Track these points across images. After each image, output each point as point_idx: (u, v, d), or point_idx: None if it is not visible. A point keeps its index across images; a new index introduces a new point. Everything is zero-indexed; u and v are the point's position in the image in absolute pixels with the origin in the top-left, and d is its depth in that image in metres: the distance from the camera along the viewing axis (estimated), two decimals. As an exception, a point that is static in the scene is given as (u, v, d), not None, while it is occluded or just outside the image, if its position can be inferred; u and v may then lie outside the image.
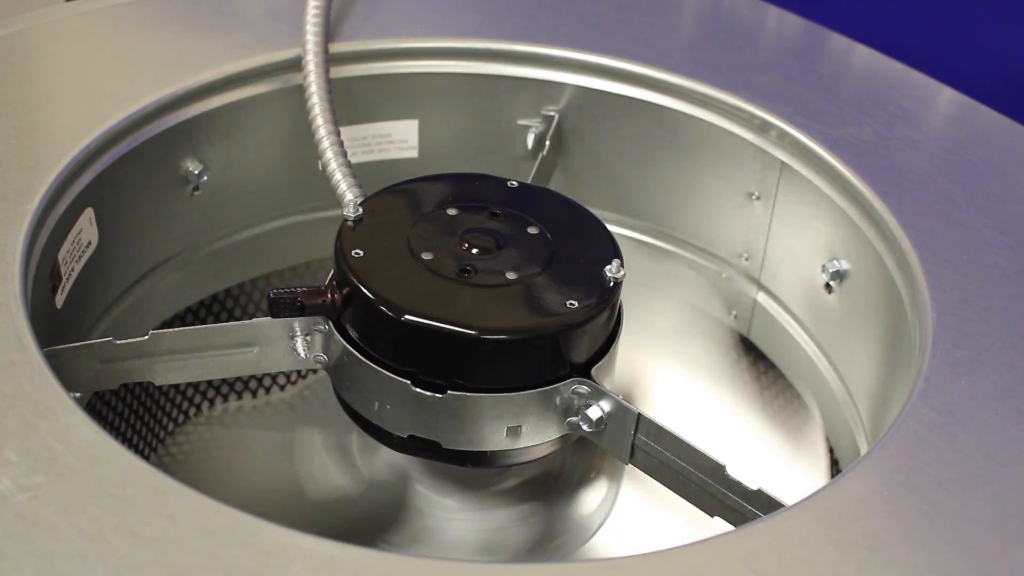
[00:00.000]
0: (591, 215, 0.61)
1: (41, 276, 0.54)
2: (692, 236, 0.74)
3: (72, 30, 0.69)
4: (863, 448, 0.63)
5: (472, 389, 0.54)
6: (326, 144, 0.63)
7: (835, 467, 0.67)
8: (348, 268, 0.55)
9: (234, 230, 0.71)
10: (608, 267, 0.57)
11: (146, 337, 0.54)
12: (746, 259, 0.72)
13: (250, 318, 0.69)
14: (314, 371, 0.74)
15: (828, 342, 0.68)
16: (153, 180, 0.65)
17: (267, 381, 0.77)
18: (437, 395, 0.54)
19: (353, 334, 0.56)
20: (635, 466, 0.57)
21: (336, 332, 0.56)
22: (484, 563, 0.55)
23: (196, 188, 0.68)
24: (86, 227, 0.60)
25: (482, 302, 0.54)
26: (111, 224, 0.62)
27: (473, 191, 0.62)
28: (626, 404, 0.55)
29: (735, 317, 0.73)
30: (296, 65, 0.67)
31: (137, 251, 0.66)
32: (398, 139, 0.73)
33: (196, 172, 0.67)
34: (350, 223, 0.58)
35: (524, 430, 0.55)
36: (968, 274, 0.57)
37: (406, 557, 0.42)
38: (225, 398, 0.75)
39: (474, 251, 0.57)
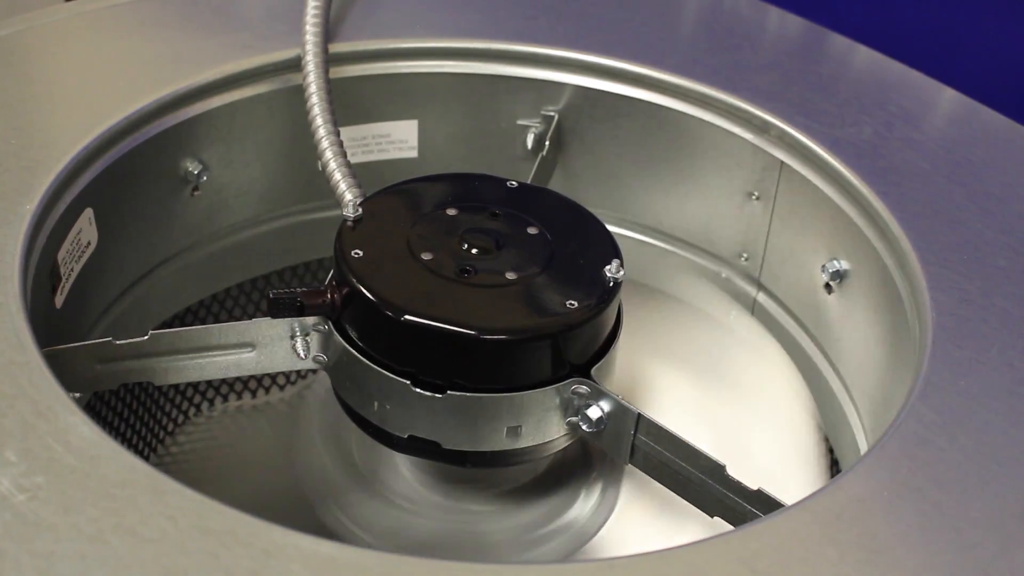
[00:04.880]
0: (591, 215, 0.61)
1: (41, 276, 0.54)
2: (692, 236, 0.74)
3: (72, 30, 0.69)
4: (863, 448, 0.63)
5: (472, 389, 0.54)
6: (326, 144, 0.63)
7: (835, 467, 0.67)
8: (348, 268, 0.55)
9: (234, 230, 0.71)
10: (608, 267, 0.57)
11: (146, 337, 0.54)
12: (746, 259, 0.72)
13: (250, 318, 0.69)
14: (314, 371, 0.74)
15: (828, 342, 0.68)
16: (153, 180, 0.65)
17: (267, 381, 0.77)
18: (437, 395, 0.54)
19: (353, 334, 0.56)
20: (635, 466, 0.57)
21: (336, 332, 0.56)
22: (484, 563, 0.55)
23: (196, 188, 0.68)
24: (86, 227, 0.60)
25: (482, 302, 0.54)
26: (111, 224, 0.62)
27: (473, 191, 0.62)
28: (626, 404, 0.55)
29: (735, 317, 0.73)
30: (296, 65, 0.67)
31: (137, 251, 0.66)
32: (398, 139, 0.73)
33: (196, 172, 0.67)
34: (350, 223, 0.58)
35: (524, 430, 0.55)
36: (968, 274, 0.57)
37: (405, 557, 0.42)
38: (225, 398, 0.75)
39: (474, 251, 0.57)
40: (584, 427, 0.56)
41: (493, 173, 0.64)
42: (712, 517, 0.53)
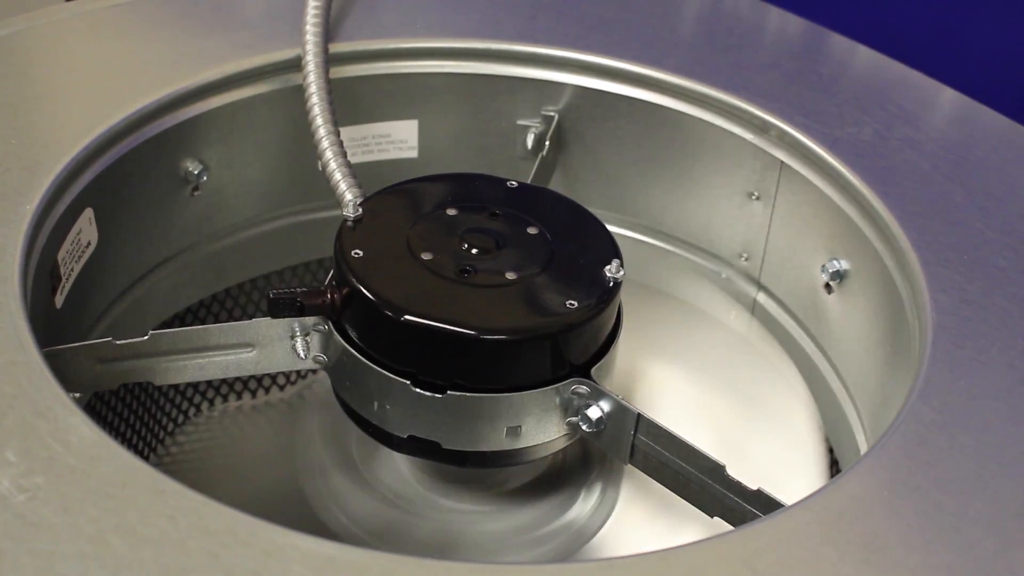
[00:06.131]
0: (591, 215, 0.61)
1: (41, 276, 0.54)
2: (692, 236, 0.74)
3: (72, 30, 0.69)
4: (863, 448, 0.63)
5: (472, 389, 0.54)
6: (326, 144, 0.63)
7: (835, 467, 0.67)
8: (348, 268, 0.55)
9: (234, 230, 0.71)
10: (608, 267, 0.57)
11: (146, 337, 0.54)
12: (746, 259, 0.72)
13: (250, 318, 0.69)
14: (314, 371, 0.74)
15: (828, 342, 0.68)
16: (153, 180, 0.65)
17: (267, 381, 0.77)
18: (437, 395, 0.54)
19: (353, 334, 0.56)
20: (635, 466, 0.57)
21: (336, 332, 0.56)
22: (484, 563, 0.55)
23: (196, 188, 0.68)
24: (86, 227, 0.60)
25: (482, 302, 0.54)
26: (111, 224, 0.62)
27: (473, 191, 0.62)
28: (626, 404, 0.55)
29: (734, 317, 0.73)
30: (296, 65, 0.67)
31: (137, 251, 0.66)
32: (398, 139, 0.73)
33: (196, 172, 0.67)
34: (350, 223, 0.58)
35: (524, 430, 0.55)
36: (968, 274, 0.57)
37: (405, 557, 0.42)
38: (225, 398, 0.75)
39: (474, 251, 0.57)
40: (584, 427, 0.56)
41: (493, 173, 0.64)
42: (712, 517, 0.53)
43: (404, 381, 0.54)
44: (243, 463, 0.70)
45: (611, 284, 0.56)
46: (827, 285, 0.66)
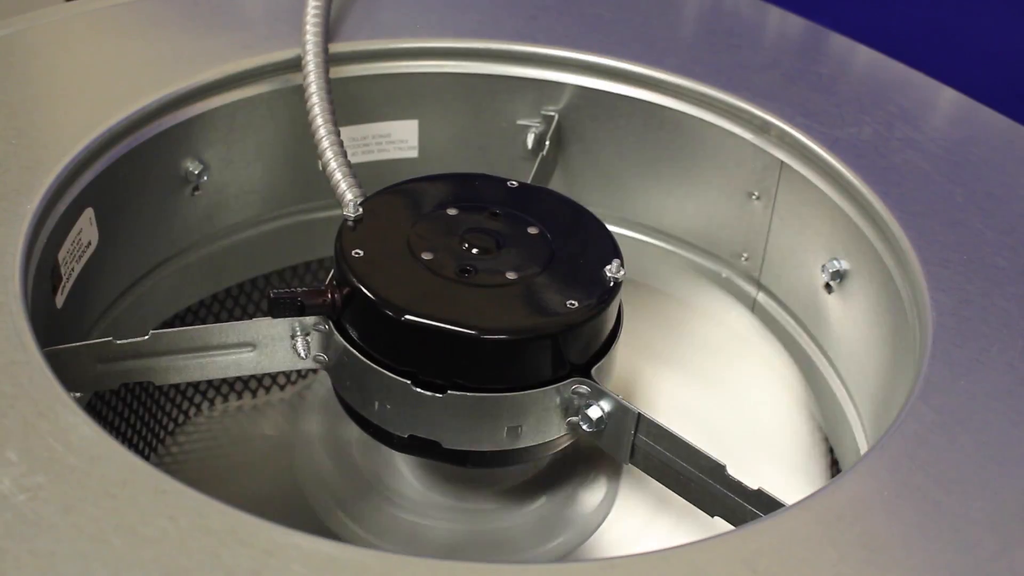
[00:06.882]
0: (591, 215, 0.61)
1: (41, 276, 0.54)
2: (692, 236, 0.74)
3: (72, 30, 0.69)
4: (863, 448, 0.63)
5: (472, 389, 0.54)
6: (326, 144, 0.63)
7: (835, 467, 0.67)
8: (348, 268, 0.55)
9: (234, 230, 0.71)
10: (608, 267, 0.57)
11: (146, 337, 0.54)
12: (746, 259, 0.72)
13: (250, 318, 0.69)
14: (314, 371, 0.74)
15: (828, 342, 0.68)
16: (153, 180, 0.65)
17: (267, 381, 0.77)
18: (437, 395, 0.54)
19: (353, 334, 0.56)
20: (635, 466, 0.57)
21: (336, 332, 0.56)
22: (484, 563, 0.55)
23: (196, 188, 0.68)
24: (86, 227, 0.60)
25: (482, 302, 0.54)
26: (111, 224, 0.62)
27: (473, 191, 0.62)
28: (626, 404, 0.55)
29: (735, 317, 0.73)
30: (296, 65, 0.67)
31: (137, 251, 0.66)
32: (398, 139, 0.73)
33: (196, 172, 0.67)
34: (350, 223, 0.58)
35: (524, 430, 0.55)
36: (968, 274, 0.57)
37: (406, 557, 0.42)
38: (225, 398, 0.75)
39: (474, 251, 0.57)
40: (584, 427, 0.56)
41: (493, 173, 0.64)
42: (712, 517, 0.54)
43: (404, 381, 0.54)
44: (243, 463, 0.70)
45: (611, 284, 0.56)
46: (827, 285, 0.66)
